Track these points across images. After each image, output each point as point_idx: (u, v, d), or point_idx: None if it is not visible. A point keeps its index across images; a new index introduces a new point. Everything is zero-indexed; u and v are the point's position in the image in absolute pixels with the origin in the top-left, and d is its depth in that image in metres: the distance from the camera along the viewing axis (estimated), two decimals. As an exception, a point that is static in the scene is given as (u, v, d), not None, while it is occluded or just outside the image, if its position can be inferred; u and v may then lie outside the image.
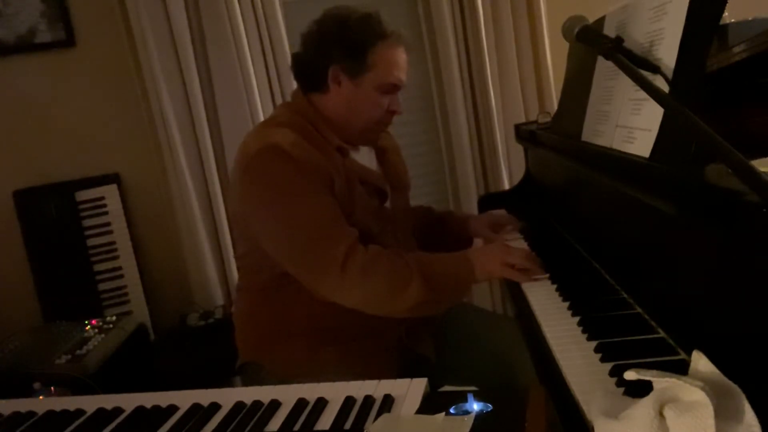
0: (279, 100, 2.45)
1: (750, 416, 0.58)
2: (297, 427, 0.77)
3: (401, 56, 1.39)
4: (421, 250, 1.53)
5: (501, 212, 1.88)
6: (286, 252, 1.29)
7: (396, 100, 1.41)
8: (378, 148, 1.53)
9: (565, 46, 1.44)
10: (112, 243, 2.43)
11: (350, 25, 1.33)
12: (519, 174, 2.14)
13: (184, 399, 0.87)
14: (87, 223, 2.41)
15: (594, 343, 0.91)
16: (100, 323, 2.07)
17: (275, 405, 0.83)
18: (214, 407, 0.84)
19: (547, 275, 1.28)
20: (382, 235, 1.38)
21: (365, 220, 1.35)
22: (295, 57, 1.42)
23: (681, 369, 0.66)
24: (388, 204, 1.47)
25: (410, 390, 0.80)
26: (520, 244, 1.56)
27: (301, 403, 0.82)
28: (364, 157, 1.49)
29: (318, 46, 1.36)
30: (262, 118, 2.42)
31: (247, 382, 1.43)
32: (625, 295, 1.07)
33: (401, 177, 1.57)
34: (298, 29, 1.43)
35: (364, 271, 1.23)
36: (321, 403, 0.81)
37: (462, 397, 0.73)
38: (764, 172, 0.61)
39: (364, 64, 1.34)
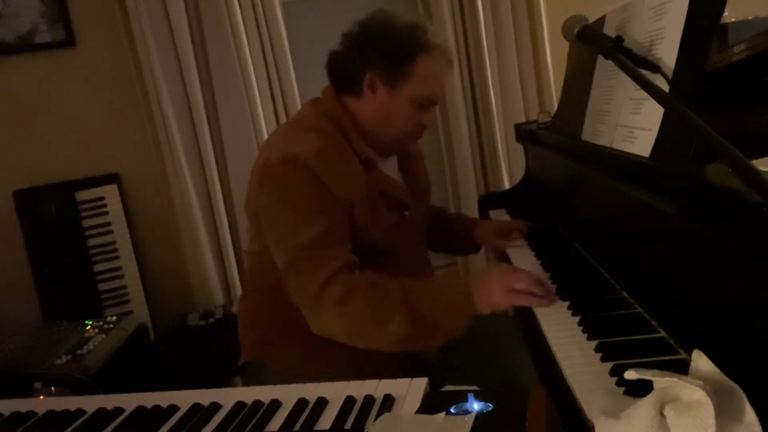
0: (279, 101, 2.45)
1: (750, 416, 0.58)
2: (297, 426, 0.77)
3: (443, 71, 1.33)
4: (428, 250, 1.53)
5: (508, 220, 1.85)
6: (279, 264, 1.27)
7: (429, 115, 1.35)
8: (402, 155, 1.49)
9: (565, 46, 1.44)
10: (112, 243, 2.43)
11: (395, 32, 1.27)
12: (519, 174, 2.15)
13: (184, 399, 0.87)
14: (87, 223, 2.41)
15: (594, 343, 0.91)
16: (100, 323, 2.07)
17: (276, 405, 0.83)
18: (215, 407, 0.84)
19: (558, 298, 1.18)
20: (399, 244, 1.36)
21: (383, 234, 1.32)
22: (333, 55, 1.35)
23: (681, 369, 0.66)
24: (407, 213, 1.44)
25: (410, 390, 0.80)
26: (525, 251, 1.53)
27: (301, 403, 0.82)
28: (386, 163, 1.45)
29: (358, 49, 1.29)
30: (262, 119, 2.42)
31: (250, 381, 1.43)
32: (626, 295, 1.07)
33: (423, 185, 1.54)
34: (298, 29, 1.41)
35: (340, 302, 1.16)
36: (321, 403, 0.81)
37: (462, 397, 0.73)
38: (764, 172, 0.62)
39: (403, 73, 1.27)
